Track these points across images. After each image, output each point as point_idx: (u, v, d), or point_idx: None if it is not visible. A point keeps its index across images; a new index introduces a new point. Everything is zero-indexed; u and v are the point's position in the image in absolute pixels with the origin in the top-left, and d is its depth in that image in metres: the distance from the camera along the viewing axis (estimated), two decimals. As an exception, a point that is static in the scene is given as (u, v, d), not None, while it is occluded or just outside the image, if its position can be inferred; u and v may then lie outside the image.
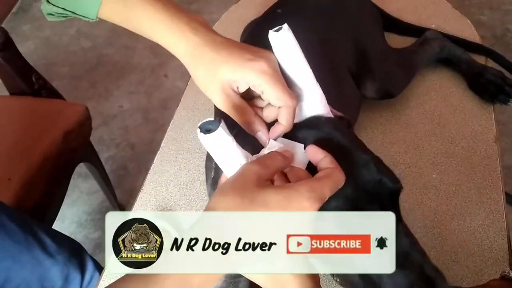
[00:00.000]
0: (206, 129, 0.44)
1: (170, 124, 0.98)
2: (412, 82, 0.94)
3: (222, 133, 0.43)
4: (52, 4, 0.56)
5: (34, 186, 1.01)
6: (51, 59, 2.12)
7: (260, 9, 0.95)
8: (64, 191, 1.15)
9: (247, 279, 0.67)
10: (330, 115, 0.54)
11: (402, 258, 0.45)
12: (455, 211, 0.76)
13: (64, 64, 2.09)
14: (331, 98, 0.56)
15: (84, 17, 0.56)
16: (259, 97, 0.53)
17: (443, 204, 0.77)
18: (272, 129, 0.51)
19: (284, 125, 0.50)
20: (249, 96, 0.53)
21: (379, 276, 0.46)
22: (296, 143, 0.49)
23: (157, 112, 1.85)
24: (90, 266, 0.93)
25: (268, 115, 0.52)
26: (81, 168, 1.35)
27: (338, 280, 0.52)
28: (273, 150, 0.47)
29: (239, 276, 0.68)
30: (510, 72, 0.96)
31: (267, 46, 0.51)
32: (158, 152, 0.93)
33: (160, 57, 2.03)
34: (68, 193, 1.19)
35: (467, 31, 1.03)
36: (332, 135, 0.50)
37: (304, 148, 0.48)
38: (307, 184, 0.40)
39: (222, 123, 0.44)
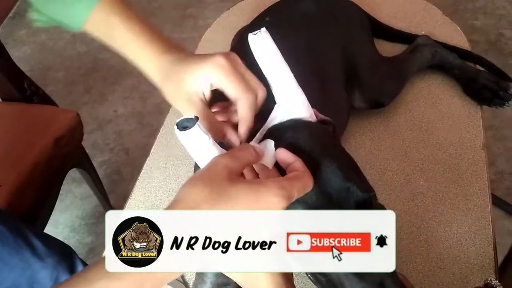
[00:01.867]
0: (183, 126, 0.44)
1: (160, 130, 0.98)
2: (400, 89, 0.94)
3: (198, 131, 0.44)
4: (40, 12, 0.57)
5: (25, 192, 1.01)
6: (47, 63, 2.12)
7: (251, 16, 0.95)
8: (56, 196, 1.15)
9: (235, 285, 0.68)
10: (313, 118, 0.54)
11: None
12: (442, 218, 0.77)
13: (59, 68, 2.09)
14: (317, 106, 0.56)
15: (69, 27, 0.57)
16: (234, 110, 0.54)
17: (430, 210, 0.78)
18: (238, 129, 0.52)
19: (241, 118, 0.51)
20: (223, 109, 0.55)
21: (341, 284, 0.46)
22: (267, 139, 0.49)
23: (151, 117, 1.85)
24: (80, 270, 0.93)
25: (235, 117, 0.53)
26: (75, 173, 1.35)
27: (311, 278, 0.52)
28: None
29: (225, 284, 0.68)
30: (500, 78, 0.96)
31: (253, 53, 0.51)
32: (148, 158, 0.94)
33: (155, 62, 2.03)
34: (61, 198, 1.19)
35: (457, 38, 1.03)
36: (304, 139, 0.50)
37: (275, 146, 0.48)
38: (277, 182, 0.40)
39: (199, 121, 0.44)
